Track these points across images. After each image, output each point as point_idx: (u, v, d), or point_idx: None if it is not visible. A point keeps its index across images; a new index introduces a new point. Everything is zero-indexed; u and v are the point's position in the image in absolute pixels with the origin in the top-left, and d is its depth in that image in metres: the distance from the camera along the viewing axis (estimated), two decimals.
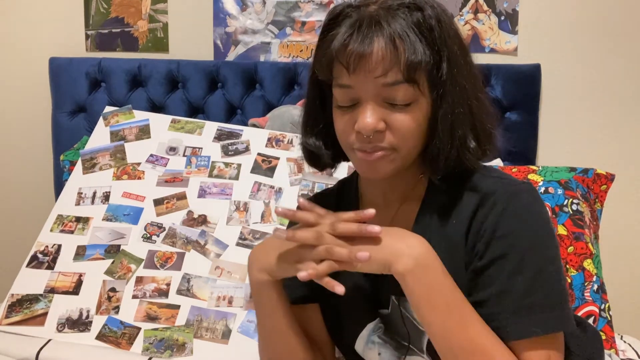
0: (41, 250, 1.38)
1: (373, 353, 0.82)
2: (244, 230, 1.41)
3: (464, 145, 0.73)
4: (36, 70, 1.96)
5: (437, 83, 0.72)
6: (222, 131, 1.63)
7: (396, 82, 0.69)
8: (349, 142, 0.75)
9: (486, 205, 0.73)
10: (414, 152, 0.75)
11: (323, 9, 1.89)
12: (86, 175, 1.54)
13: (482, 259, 0.71)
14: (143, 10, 1.95)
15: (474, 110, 0.74)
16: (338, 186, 0.93)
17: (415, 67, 0.69)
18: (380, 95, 0.71)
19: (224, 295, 1.29)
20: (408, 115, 0.71)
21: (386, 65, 0.69)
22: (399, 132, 0.72)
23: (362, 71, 0.70)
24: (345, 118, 0.74)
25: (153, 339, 1.21)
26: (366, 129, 0.71)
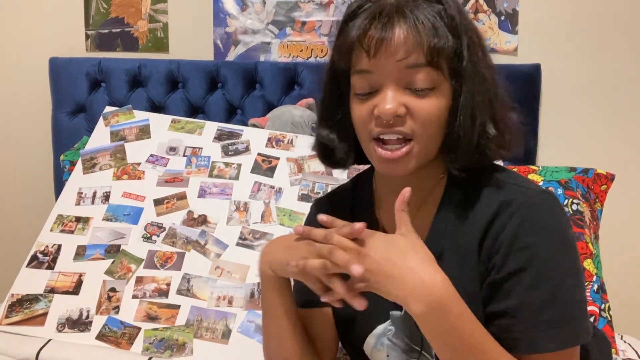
0: (41, 250, 1.38)
1: (381, 355, 0.82)
2: (244, 230, 1.41)
3: (484, 134, 0.72)
4: (36, 70, 1.96)
5: (458, 71, 0.71)
6: (222, 131, 1.63)
7: (418, 65, 0.68)
8: (368, 131, 0.73)
9: (504, 214, 0.71)
10: (434, 143, 0.73)
11: (323, 9, 1.89)
12: (86, 175, 1.54)
13: (500, 272, 0.70)
14: (143, 10, 1.95)
15: (493, 100, 0.74)
16: (352, 184, 0.92)
17: (438, 51, 0.68)
18: (401, 79, 0.70)
19: (224, 295, 1.29)
20: (429, 101, 0.70)
21: (409, 48, 0.68)
22: (420, 118, 0.70)
23: (383, 55, 0.69)
24: (364, 106, 0.73)
25: (153, 339, 1.21)
26: (387, 113, 0.69)
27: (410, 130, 0.71)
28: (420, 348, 0.78)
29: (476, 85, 0.71)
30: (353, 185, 0.91)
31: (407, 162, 0.72)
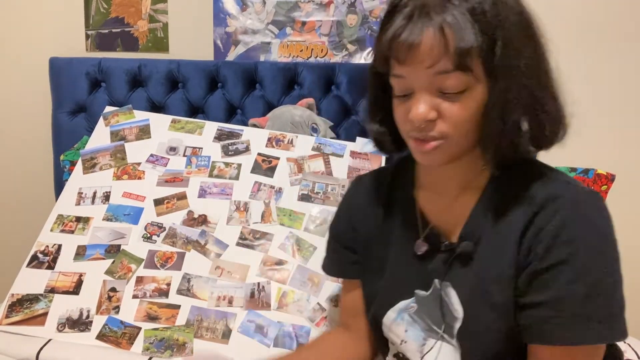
0: (41, 250, 1.38)
1: (400, 329, 0.84)
2: (244, 230, 1.41)
3: (516, 132, 0.72)
4: (36, 70, 1.96)
5: (494, 65, 0.71)
6: (222, 131, 1.63)
7: (446, 71, 0.69)
8: (405, 130, 0.77)
9: (549, 208, 0.72)
10: (468, 139, 0.74)
11: (323, 9, 1.89)
12: (86, 175, 1.54)
13: (541, 262, 0.71)
14: (143, 10, 1.95)
15: (536, 91, 0.72)
16: (395, 163, 0.94)
17: (464, 53, 0.68)
18: (432, 84, 0.71)
19: (224, 295, 1.29)
20: (460, 103, 0.71)
21: (435, 55, 0.69)
22: (450, 120, 0.72)
23: (412, 62, 0.70)
24: (402, 107, 0.76)
25: (153, 339, 1.21)
26: (417, 119, 0.72)
27: (440, 132, 0.73)
28: (442, 331, 0.79)
29: (510, 82, 0.70)
30: (395, 166, 0.94)
31: (438, 155, 0.75)
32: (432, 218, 0.84)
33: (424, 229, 0.84)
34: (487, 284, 0.75)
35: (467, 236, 0.78)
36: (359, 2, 1.88)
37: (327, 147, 1.59)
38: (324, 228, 1.42)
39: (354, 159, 1.57)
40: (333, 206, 1.46)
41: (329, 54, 1.91)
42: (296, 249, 1.38)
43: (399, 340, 0.84)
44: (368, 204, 0.92)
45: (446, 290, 0.80)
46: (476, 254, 0.77)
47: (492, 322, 0.75)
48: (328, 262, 1.00)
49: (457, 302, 0.78)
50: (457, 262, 0.79)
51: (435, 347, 0.80)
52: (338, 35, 1.90)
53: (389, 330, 0.86)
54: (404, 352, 0.85)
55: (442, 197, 0.83)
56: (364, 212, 0.92)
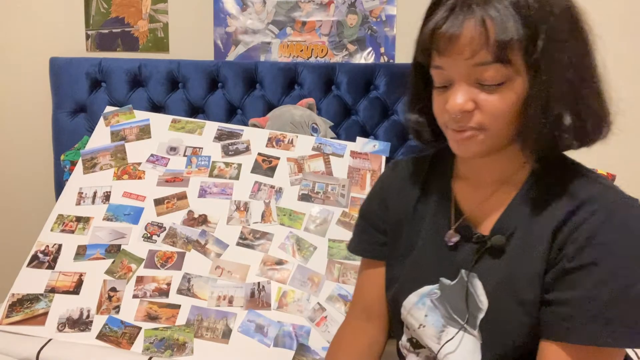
0: (42, 249, 1.38)
1: (420, 313, 0.84)
2: (244, 230, 1.41)
3: (559, 126, 0.71)
4: (36, 70, 1.96)
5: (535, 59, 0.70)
6: (222, 131, 1.63)
7: (485, 63, 0.69)
8: (443, 121, 0.77)
9: (585, 209, 0.72)
10: (506, 133, 0.74)
11: (323, 9, 1.89)
12: (87, 175, 1.54)
13: (572, 261, 0.71)
14: (143, 10, 1.95)
15: (579, 88, 0.72)
16: (434, 153, 0.94)
17: (504, 46, 0.68)
18: (471, 76, 0.71)
19: (225, 295, 1.29)
20: (498, 95, 0.71)
21: (475, 47, 0.69)
22: (488, 112, 0.72)
23: (452, 54, 0.71)
24: (440, 98, 0.76)
25: (153, 339, 1.21)
26: (454, 110, 0.72)
27: (477, 124, 0.73)
28: (464, 322, 0.80)
29: (553, 75, 0.70)
30: (434, 154, 0.93)
31: (474, 146, 0.75)
32: (466, 209, 0.84)
33: (456, 219, 0.84)
34: (516, 279, 0.75)
35: (500, 230, 0.79)
36: (359, 2, 1.88)
37: (327, 147, 1.59)
38: (324, 228, 1.42)
39: (354, 158, 1.57)
40: (333, 206, 1.46)
41: (329, 54, 1.91)
42: (296, 249, 1.38)
43: (417, 324, 0.85)
44: (403, 187, 0.92)
45: (472, 281, 0.80)
46: (508, 247, 0.77)
47: (517, 316, 0.75)
48: (355, 241, 0.99)
49: (482, 294, 0.78)
50: (487, 254, 0.79)
51: (457, 336, 0.80)
52: (338, 35, 1.90)
53: (408, 314, 0.86)
54: (421, 336, 0.85)
55: (478, 189, 0.83)
56: (398, 194, 0.92)
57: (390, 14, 1.87)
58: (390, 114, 1.82)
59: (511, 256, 0.77)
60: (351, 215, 1.45)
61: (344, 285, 1.32)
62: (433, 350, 0.83)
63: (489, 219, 0.81)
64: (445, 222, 0.85)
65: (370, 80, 1.83)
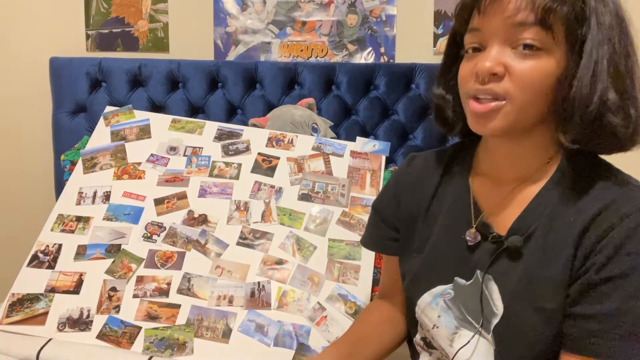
0: (42, 249, 1.38)
1: (433, 313, 0.82)
2: (245, 230, 1.41)
3: (605, 102, 0.67)
4: (36, 70, 1.96)
5: (579, 37, 0.67)
6: (222, 131, 1.63)
7: (526, 23, 0.66)
8: (467, 89, 0.73)
9: (614, 213, 0.67)
10: (533, 108, 0.70)
11: (323, 9, 1.89)
12: (87, 175, 1.54)
13: (600, 272, 0.66)
14: (143, 10, 1.95)
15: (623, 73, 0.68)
16: (454, 148, 0.90)
17: (550, 11, 0.66)
18: (507, 38, 0.68)
19: (225, 295, 1.29)
20: (532, 62, 0.67)
21: (519, 6, 0.67)
22: (518, 78, 0.68)
23: (493, 11, 0.68)
24: (469, 64, 0.73)
25: (154, 338, 1.21)
26: (483, 70, 0.68)
27: (503, 90, 0.69)
28: (479, 325, 0.76)
29: (601, 53, 0.67)
30: (454, 149, 0.90)
31: (495, 120, 0.70)
32: (485, 207, 0.80)
33: (476, 217, 0.79)
34: (535, 284, 0.71)
35: (518, 230, 0.74)
36: (359, 2, 1.88)
37: (327, 146, 1.59)
38: (324, 227, 1.43)
39: (354, 158, 1.57)
40: (333, 205, 1.46)
41: (329, 54, 1.91)
42: (296, 249, 1.38)
43: (431, 324, 0.82)
44: (418, 181, 0.89)
45: (488, 283, 0.76)
46: (526, 250, 0.73)
47: (535, 325, 0.71)
48: (367, 235, 0.98)
49: (497, 298, 0.74)
50: (504, 256, 0.75)
51: (473, 341, 0.77)
52: (338, 35, 1.90)
53: (422, 313, 0.84)
54: (434, 337, 0.83)
55: (499, 186, 0.79)
56: (412, 190, 0.89)
57: (390, 14, 1.87)
58: (391, 114, 1.82)
59: (530, 259, 0.72)
60: (351, 215, 1.45)
61: (344, 284, 1.33)
62: (447, 352, 0.80)
63: (507, 218, 0.76)
64: (463, 218, 0.81)
65: (370, 80, 1.83)
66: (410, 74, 1.79)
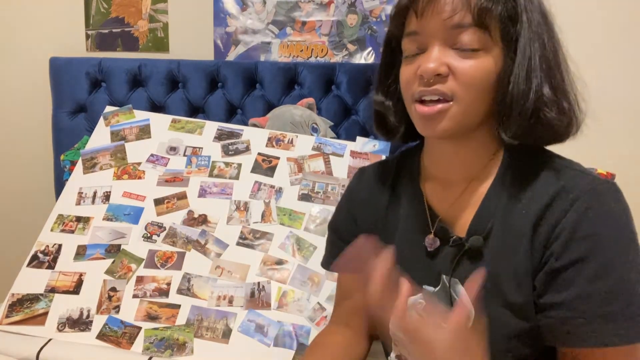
0: (42, 249, 1.38)
1: None
2: (245, 230, 1.41)
3: (540, 97, 0.69)
4: (36, 70, 1.96)
5: (512, 34, 0.70)
6: (222, 131, 1.63)
7: (464, 25, 0.68)
8: (411, 92, 0.73)
9: (564, 199, 0.68)
10: (477, 106, 0.71)
11: (323, 9, 1.89)
12: (87, 175, 1.54)
13: (559, 259, 0.67)
14: (143, 10, 1.95)
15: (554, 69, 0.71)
16: (399, 156, 0.91)
17: (486, 11, 0.68)
18: (447, 39, 0.70)
19: (225, 295, 1.29)
20: (474, 61, 0.69)
21: (456, 7, 0.68)
22: (463, 78, 0.69)
23: (430, 15, 0.70)
24: (410, 67, 0.73)
25: (153, 339, 1.21)
26: (427, 72, 0.69)
27: (450, 90, 0.70)
28: None
29: (533, 50, 0.69)
30: (399, 158, 0.90)
31: (443, 120, 0.71)
32: (440, 211, 0.80)
33: (432, 222, 0.79)
34: (500, 281, 0.71)
35: (476, 230, 0.74)
36: (359, 2, 1.88)
37: (327, 146, 1.59)
38: (324, 227, 1.42)
39: (354, 158, 1.57)
40: (333, 205, 1.46)
41: (329, 54, 1.91)
42: (296, 249, 1.38)
43: None
44: (371, 196, 0.89)
45: (455, 287, 0.76)
46: (486, 249, 0.73)
47: (508, 321, 0.71)
48: (327, 257, 0.97)
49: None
50: (465, 258, 0.75)
51: None
52: (338, 35, 1.90)
53: None
54: None
55: (449, 188, 0.80)
56: (366, 204, 0.89)
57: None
58: None
59: (492, 257, 0.73)
60: None
61: None
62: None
63: (463, 219, 0.77)
64: (420, 226, 0.81)
65: (370, 80, 1.82)
66: None
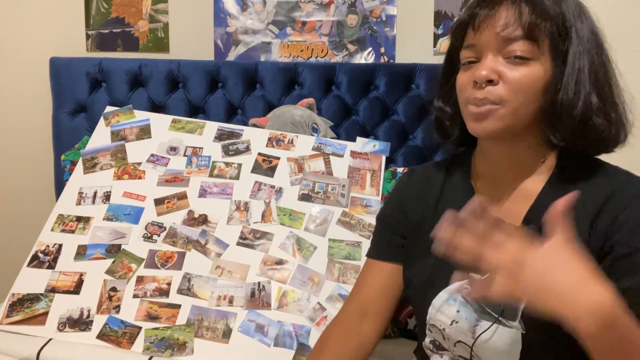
0: (42, 249, 1.38)
1: (451, 309, 0.84)
2: (245, 230, 1.41)
3: (589, 106, 0.76)
4: (37, 70, 1.96)
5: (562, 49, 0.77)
6: (222, 131, 1.63)
7: (515, 37, 0.76)
8: (465, 96, 0.81)
9: (622, 196, 0.75)
10: (526, 111, 0.77)
11: (323, 9, 1.89)
12: (87, 175, 1.54)
13: (625, 246, 0.72)
14: (144, 10, 1.95)
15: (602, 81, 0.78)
16: (450, 158, 0.97)
17: (535, 26, 0.76)
18: (500, 49, 0.77)
19: (225, 295, 1.29)
20: (523, 69, 0.76)
21: (508, 22, 0.76)
22: (511, 84, 0.76)
23: (486, 29, 0.78)
24: (466, 74, 0.81)
25: (154, 339, 1.21)
26: (480, 77, 0.77)
27: (499, 94, 0.77)
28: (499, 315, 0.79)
29: (582, 63, 0.77)
30: (450, 159, 0.96)
31: (492, 121, 0.78)
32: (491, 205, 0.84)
33: None
34: None
35: (530, 221, 0.79)
36: (360, 2, 1.88)
37: (327, 147, 1.59)
38: (324, 228, 1.43)
39: (354, 158, 1.57)
40: (333, 206, 1.46)
41: (329, 54, 1.91)
42: (296, 249, 1.38)
43: (449, 321, 0.84)
44: (420, 192, 0.94)
45: None
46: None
47: None
48: (374, 246, 0.99)
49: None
50: None
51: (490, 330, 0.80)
52: (338, 35, 1.90)
53: (438, 311, 0.85)
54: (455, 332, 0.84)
55: (501, 185, 0.85)
56: (416, 199, 0.94)
57: (391, 14, 1.87)
58: (391, 114, 1.82)
59: None
60: (351, 215, 1.45)
61: (344, 285, 1.33)
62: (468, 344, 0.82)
63: (516, 214, 0.82)
64: None
65: (371, 80, 1.83)
66: (410, 74, 1.79)
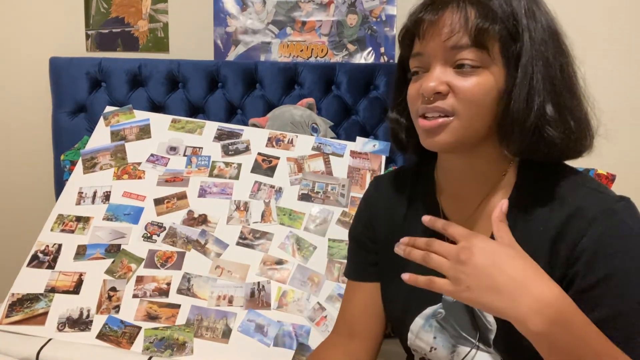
0: (42, 249, 1.38)
1: (428, 336, 0.82)
2: (244, 230, 1.41)
3: (543, 116, 0.70)
4: (36, 70, 1.96)
5: (514, 53, 0.71)
6: (222, 131, 1.63)
7: (462, 46, 0.71)
8: (416, 109, 0.76)
9: (581, 220, 0.69)
10: (479, 123, 0.73)
11: (323, 9, 1.89)
12: (87, 174, 1.54)
13: (585, 279, 0.68)
14: (143, 10, 1.95)
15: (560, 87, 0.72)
16: (413, 168, 0.93)
17: (484, 32, 0.70)
18: (447, 59, 0.72)
19: (224, 295, 1.29)
20: (473, 79, 0.71)
21: (454, 29, 0.71)
22: (462, 95, 0.71)
23: (431, 36, 0.73)
24: (415, 85, 0.77)
25: (153, 338, 1.21)
26: (427, 89, 0.72)
27: (450, 107, 0.72)
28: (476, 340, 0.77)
29: (535, 69, 0.70)
30: (415, 169, 0.92)
31: (444, 135, 0.73)
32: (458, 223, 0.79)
33: None
34: None
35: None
36: (359, 2, 1.88)
37: (327, 146, 1.59)
38: (324, 228, 1.43)
39: (354, 158, 1.57)
40: (333, 205, 1.46)
41: (329, 54, 1.91)
42: (296, 249, 1.38)
43: (428, 347, 0.82)
44: (388, 204, 0.91)
45: None
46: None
47: None
48: (350, 266, 0.96)
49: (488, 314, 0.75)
50: None
51: (469, 355, 0.77)
52: (338, 35, 1.90)
53: (416, 337, 0.83)
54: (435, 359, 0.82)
55: (465, 201, 0.81)
56: (384, 212, 0.90)
57: (390, 14, 1.87)
58: None
59: None
60: (351, 215, 1.45)
61: (344, 285, 1.32)
62: None
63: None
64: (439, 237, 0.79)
65: (370, 80, 1.83)
66: None
